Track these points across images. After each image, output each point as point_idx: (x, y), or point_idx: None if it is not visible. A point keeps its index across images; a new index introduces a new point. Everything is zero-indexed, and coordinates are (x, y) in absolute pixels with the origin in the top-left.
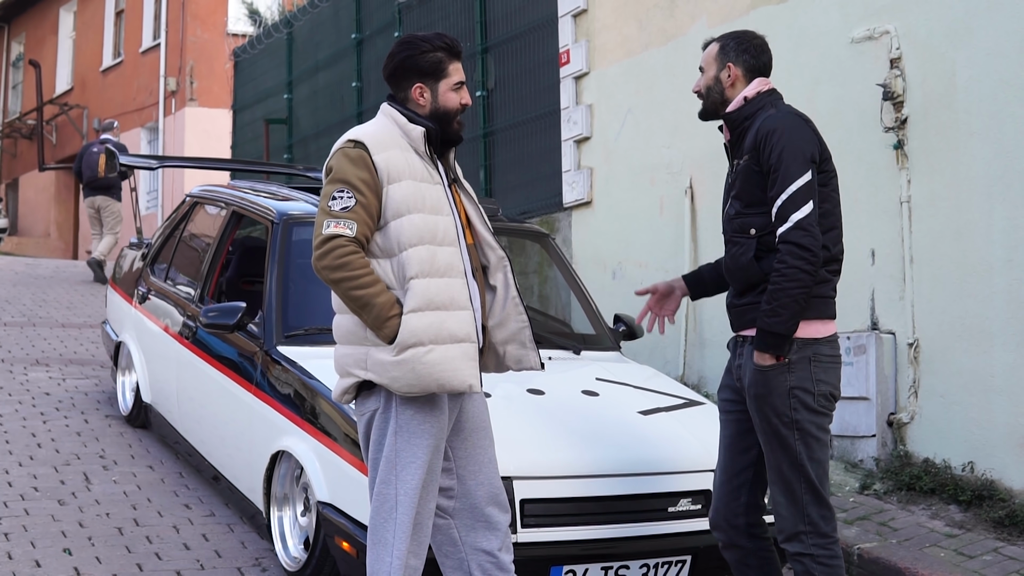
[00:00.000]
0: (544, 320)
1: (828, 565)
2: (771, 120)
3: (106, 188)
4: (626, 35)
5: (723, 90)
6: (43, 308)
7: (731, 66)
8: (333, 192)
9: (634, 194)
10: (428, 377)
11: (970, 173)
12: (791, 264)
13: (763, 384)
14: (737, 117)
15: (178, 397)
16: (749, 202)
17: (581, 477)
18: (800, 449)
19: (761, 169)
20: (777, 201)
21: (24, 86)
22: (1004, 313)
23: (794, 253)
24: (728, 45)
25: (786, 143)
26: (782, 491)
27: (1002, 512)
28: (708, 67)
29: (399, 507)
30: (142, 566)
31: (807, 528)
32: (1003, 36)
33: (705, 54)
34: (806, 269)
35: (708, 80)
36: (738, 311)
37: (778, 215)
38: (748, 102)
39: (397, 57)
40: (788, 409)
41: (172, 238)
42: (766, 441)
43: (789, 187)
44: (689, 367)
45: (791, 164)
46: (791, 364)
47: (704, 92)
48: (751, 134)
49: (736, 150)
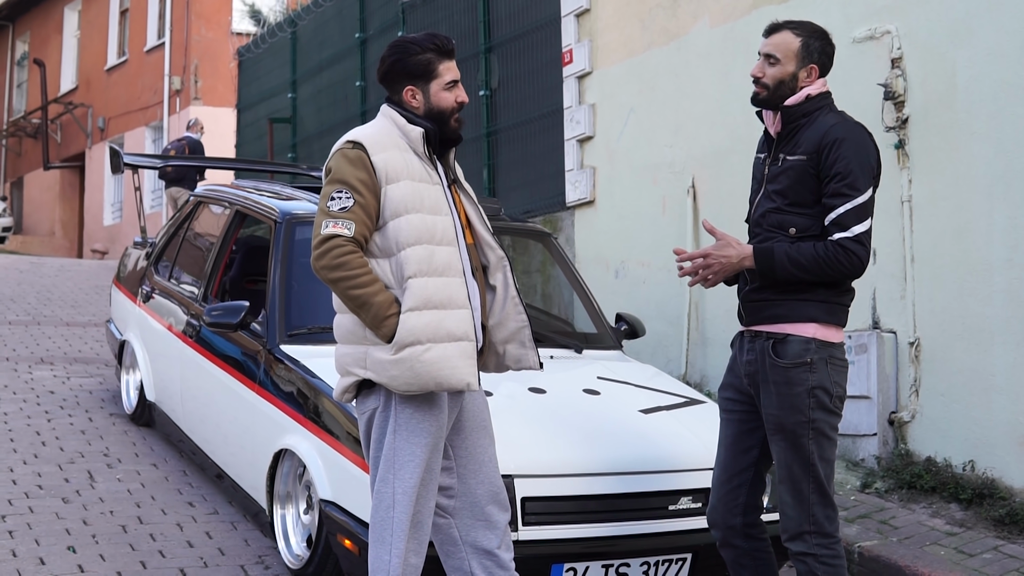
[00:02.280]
0: (546, 319)
1: (831, 565)
2: (841, 128)
3: (178, 180)
4: (628, 35)
5: (796, 87)
6: (48, 307)
7: (814, 68)
8: (332, 192)
9: (637, 193)
10: (426, 376)
11: (971, 173)
12: (838, 261)
13: (783, 382)
14: (796, 112)
15: (182, 395)
16: (795, 201)
17: (582, 475)
18: (813, 449)
19: (818, 172)
20: (839, 209)
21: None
22: (1005, 312)
23: (845, 257)
24: (812, 44)
25: (855, 154)
26: (789, 490)
27: (1002, 511)
28: (786, 60)
29: (396, 506)
30: (146, 564)
31: (811, 528)
32: (1004, 36)
33: (781, 44)
34: (844, 273)
35: (784, 74)
36: (756, 305)
37: (837, 222)
38: (810, 99)
39: (388, 61)
40: (807, 408)
41: (176, 237)
42: (778, 439)
43: (856, 199)
44: (692, 366)
45: (859, 177)
46: (812, 364)
47: (772, 84)
48: (811, 134)
49: (785, 144)
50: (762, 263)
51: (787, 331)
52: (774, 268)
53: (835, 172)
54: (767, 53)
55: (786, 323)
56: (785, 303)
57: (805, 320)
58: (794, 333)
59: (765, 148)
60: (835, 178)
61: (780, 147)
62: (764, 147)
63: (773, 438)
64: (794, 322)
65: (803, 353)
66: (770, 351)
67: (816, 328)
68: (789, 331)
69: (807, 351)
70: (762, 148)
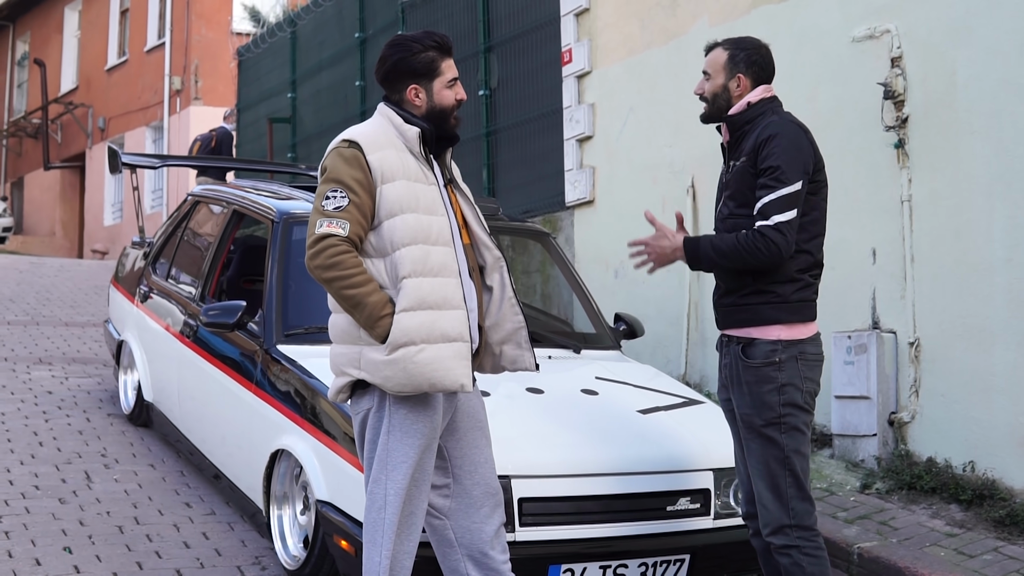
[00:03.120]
0: (544, 319)
1: (815, 556)
2: (773, 126)
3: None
4: (628, 34)
5: (730, 98)
6: (47, 307)
7: (741, 77)
8: (327, 191)
9: (636, 193)
10: (420, 376)
11: (971, 172)
12: (756, 248)
13: (753, 381)
14: (739, 120)
15: (179, 396)
16: (742, 202)
17: (579, 476)
18: (786, 442)
19: (756, 171)
20: (764, 199)
21: (29, 85)
22: (1005, 312)
23: (764, 244)
24: (738, 55)
25: (784, 149)
26: (768, 486)
27: (1002, 512)
28: (716, 74)
29: (388, 507)
30: (142, 564)
31: (792, 521)
32: (1003, 35)
33: (711, 59)
34: (762, 260)
35: (716, 87)
36: (725, 310)
37: (761, 211)
38: (751, 107)
39: (389, 60)
40: (777, 405)
41: (174, 237)
42: (753, 437)
43: (780, 190)
44: (691, 366)
45: (786, 170)
46: (781, 363)
47: (710, 98)
48: (751, 137)
49: (733, 151)
50: (689, 253)
51: (753, 335)
52: (699, 257)
53: (766, 166)
54: (703, 70)
55: (751, 327)
56: (748, 308)
57: (769, 323)
58: (760, 337)
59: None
60: (765, 172)
61: (730, 155)
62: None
63: (748, 436)
64: (758, 325)
65: (771, 354)
66: (740, 354)
67: (781, 329)
68: (755, 335)
69: (774, 352)
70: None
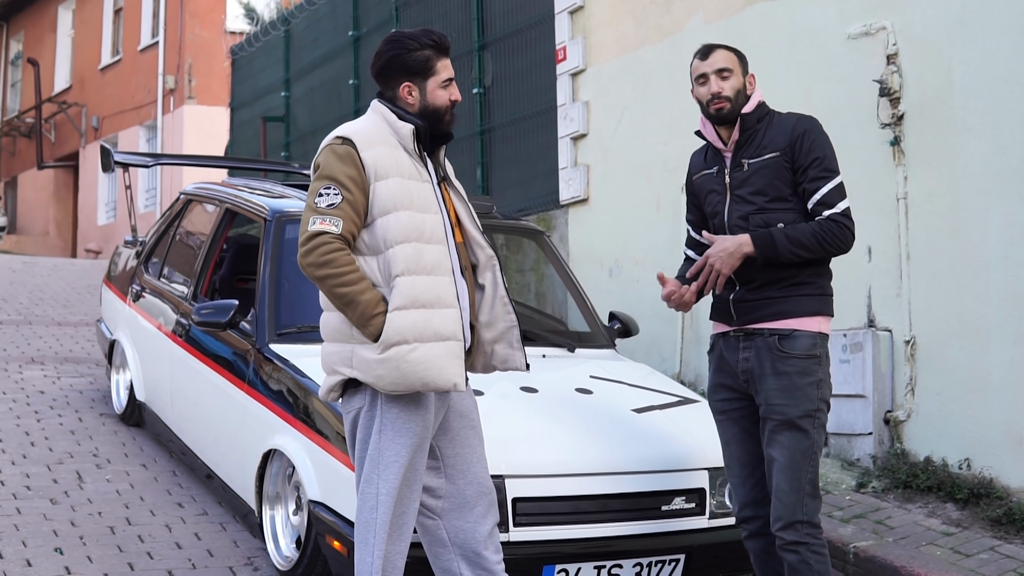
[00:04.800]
0: (539, 318)
1: (821, 555)
2: (805, 121)
3: None
4: (622, 31)
5: (748, 96)
6: (39, 306)
7: (752, 76)
8: (320, 189)
9: (631, 191)
10: (412, 375)
11: (967, 169)
12: (834, 235)
13: (795, 372)
14: (751, 118)
15: (171, 395)
16: (775, 197)
17: (574, 475)
18: (816, 438)
19: (792, 166)
20: (823, 189)
21: (23, 84)
22: (1001, 310)
23: (840, 231)
24: (743, 56)
25: (825, 141)
26: (788, 479)
27: (999, 510)
28: (736, 72)
29: (379, 507)
30: (133, 565)
31: (804, 517)
32: (1000, 32)
33: (728, 58)
34: (841, 248)
35: (739, 85)
36: (754, 304)
37: (823, 201)
38: (760, 105)
39: (385, 56)
40: (816, 399)
41: (166, 236)
42: (783, 430)
43: (833, 180)
44: (686, 364)
45: (832, 160)
46: (820, 357)
47: (733, 96)
48: (775, 132)
49: (746, 149)
50: (763, 247)
51: (793, 326)
52: (776, 250)
53: (812, 158)
54: (720, 68)
55: (791, 319)
56: (789, 299)
57: (811, 314)
58: (800, 328)
59: (714, 162)
60: (813, 164)
61: (740, 154)
62: (710, 162)
63: (776, 428)
64: (800, 317)
65: (812, 347)
66: (777, 346)
67: (820, 322)
68: (795, 326)
69: (815, 345)
70: (704, 165)
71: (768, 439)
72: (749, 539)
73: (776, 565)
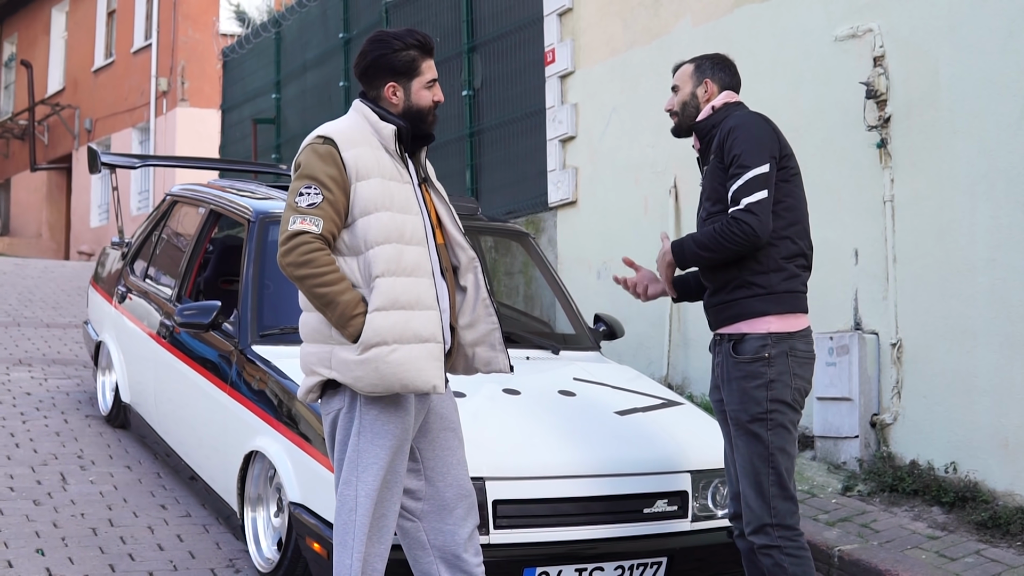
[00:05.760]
0: (523, 320)
1: (797, 556)
2: (733, 119)
3: None
4: (611, 34)
5: (699, 105)
6: (29, 308)
7: (708, 82)
8: (300, 188)
9: (619, 193)
10: (391, 377)
11: (953, 172)
12: (732, 232)
13: (742, 377)
14: (706, 125)
15: (156, 397)
16: (717, 200)
17: (555, 478)
18: (771, 439)
19: (725, 166)
20: (732, 187)
21: (16, 86)
22: (987, 313)
23: (737, 227)
24: (703, 64)
25: (745, 138)
26: (751, 483)
27: (985, 514)
28: (684, 84)
29: (359, 508)
30: (114, 567)
31: (773, 520)
32: (986, 34)
33: (679, 74)
34: (741, 243)
35: (684, 96)
36: (715, 310)
37: (732, 198)
38: (715, 111)
39: (369, 56)
40: (765, 400)
41: (151, 237)
42: (740, 434)
43: (745, 175)
44: (673, 367)
45: (749, 155)
46: (770, 359)
47: (679, 109)
48: (717, 137)
49: (705, 155)
50: (677, 252)
51: (743, 330)
52: (684, 254)
53: (732, 156)
54: (672, 86)
55: (741, 322)
56: (736, 303)
57: (757, 315)
58: (750, 331)
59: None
60: (731, 164)
61: (704, 160)
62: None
63: (735, 433)
64: (748, 319)
65: (760, 349)
66: (730, 351)
67: (771, 321)
68: (745, 330)
69: (764, 346)
70: None
71: (732, 444)
72: (739, 538)
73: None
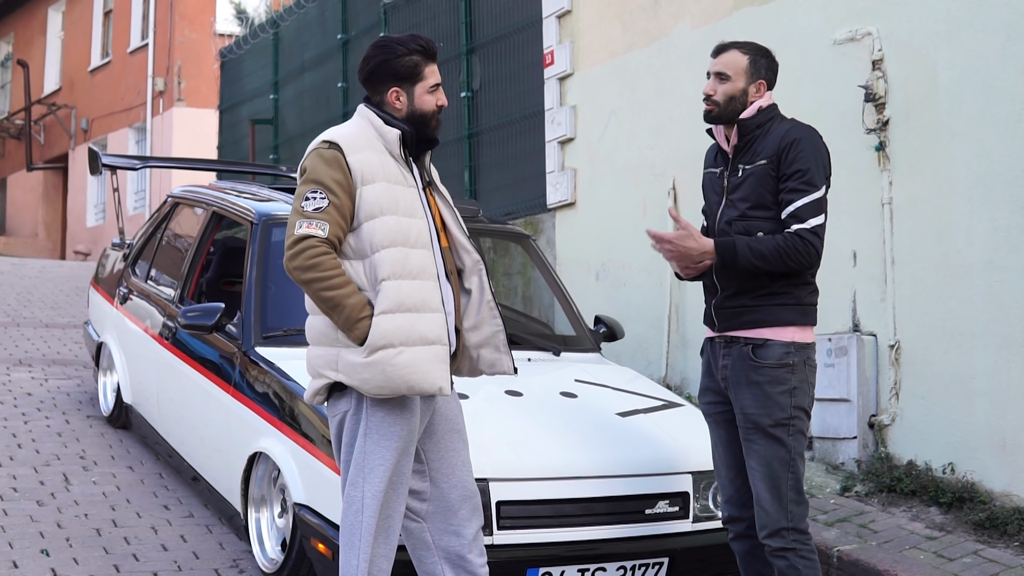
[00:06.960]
0: (524, 321)
1: (810, 559)
2: (797, 130)
3: None
4: (610, 36)
5: (746, 102)
6: (27, 308)
7: (762, 83)
8: (306, 192)
9: (617, 195)
10: (398, 379)
11: (952, 175)
12: (797, 250)
13: (766, 382)
14: (751, 124)
15: (158, 398)
16: (757, 204)
17: (558, 479)
18: (793, 445)
19: (778, 174)
20: (797, 203)
21: (12, 86)
22: (985, 315)
23: (803, 247)
24: (759, 61)
25: (812, 154)
26: (768, 487)
27: (982, 515)
28: (736, 77)
29: (365, 510)
30: (119, 567)
31: (789, 524)
32: (985, 38)
33: (730, 62)
34: (802, 263)
35: (735, 90)
36: (730, 312)
37: (794, 214)
38: (761, 112)
39: (373, 61)
40: (789, 407)
41: (153, 238)
42: (758, 438)
43: (812, 194)
44: (672, 368)
45: (816, 174)
46: (794, 366)
47: (724, 101)
48: (769, 140)
49: (742, 155)
50: (724, 255)
51: (766, 336)
52: (736, 259)
53: (794, 170)
54: (718, 71)
55: (765, 328)
56: (763, 308)
57: (784, 324)
58: (774, 338)
59: (720, 162)
60: (794, 176)
61: (738, 159)
62: (717, 161)
63: (752, 437)
64: (773, 326)
65: (784, 356)
66: (750, 355)
67: (795, 331)
68: (769, 336)
69: (788, 354)
70: (713, 163)
71: (746, 447)
72: (735, 541)
73: (761, 567)
